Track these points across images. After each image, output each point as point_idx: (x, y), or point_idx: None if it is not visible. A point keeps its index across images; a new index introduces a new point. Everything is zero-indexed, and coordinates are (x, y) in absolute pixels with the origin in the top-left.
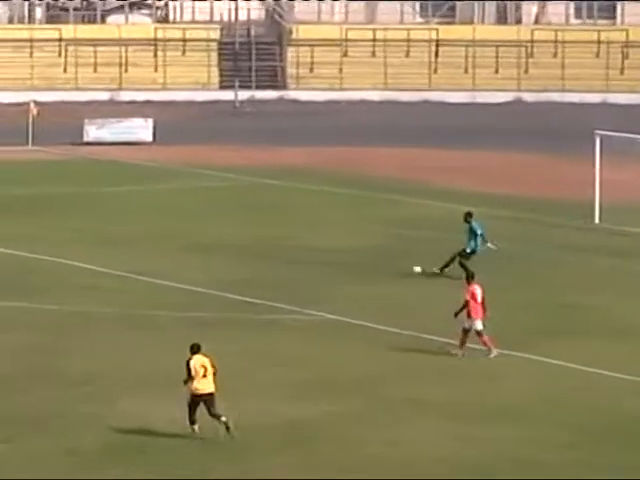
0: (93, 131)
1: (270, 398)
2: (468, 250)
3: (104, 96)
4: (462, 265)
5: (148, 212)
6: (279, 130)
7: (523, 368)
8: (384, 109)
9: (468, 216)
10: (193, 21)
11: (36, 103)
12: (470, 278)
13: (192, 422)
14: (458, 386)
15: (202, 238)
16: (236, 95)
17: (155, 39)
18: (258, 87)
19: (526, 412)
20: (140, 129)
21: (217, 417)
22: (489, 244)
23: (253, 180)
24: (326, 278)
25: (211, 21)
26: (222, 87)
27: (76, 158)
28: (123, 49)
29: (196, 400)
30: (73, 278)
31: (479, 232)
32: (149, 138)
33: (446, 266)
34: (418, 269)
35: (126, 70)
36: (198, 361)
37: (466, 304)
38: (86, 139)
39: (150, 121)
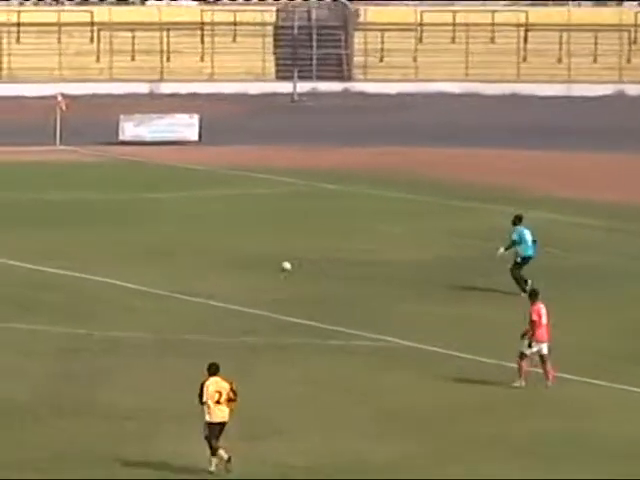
0: (130, 129)
1: (333, 435)
2: (518, 260)
3: (143, 88)
4: (515, 278)
5: (192, 222)
6: (343, 127)
7: (620, 401)
8: (464, 103)
9: (517, 220)
10: (245, 2)
11: (65, 96)
12: (534, 296)
13: (213, 454)
14: (544, 421)
15: (252, 252)
16: (295, 87)
17: (201, 23)
18: (320, 78)
19: (625, 452)
20: (184, 127)
21: (216, 449)
22: (501, 250)
23: (313, 185)
24: (392, 297)
25: (266, 2)
26: (279, 78)
27: (110, 160)
28: (165, 34)
29: (212, 429)
30: (107, 298)
31: (513, 237)
32: (194, 137)
33: (520, 284)
34: (287, 265)
35: (168, 59)
36: (214, 385)
37: (533, 325)
38: (122, 138)
39: (195, 117)
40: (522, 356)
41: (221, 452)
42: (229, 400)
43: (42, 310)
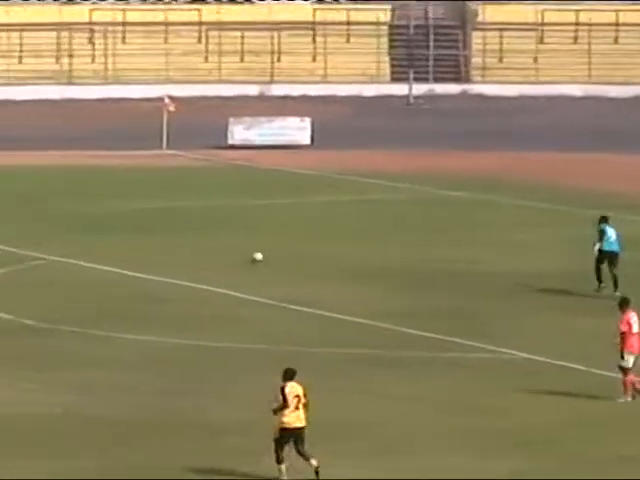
0: (240, 132)
1: (450, 452)
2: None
3: (253, 90)
4: (597, 272)
5: (301, 230)
6: (461, 131)
7: None
8: (588, 106)
9: (602, 219)
10: (359, 0)
11: (172, 98)
12: (624, 305)
13: (279, 461)
14: None
15: (364, 260)
16: (410, 89)
17: (313, 22)
18: (437, 80)
19: None
20: (295, 130)
21: (306, 457)
22: (596, 247)
23: (429, 192)
24: (515, 309)
25: (381, 0)
26: (394, 80)
27: (219, 164)
28: (275, 34)
29: (285, 435)
30: (212, 307)
31: (598, 229)
32: (306, 140)
33: (598, 280)
34: (259, 256)
35: (279, 59)
36: (293, 390)
37: (623, 336)
38: (231, 141)
39: (307, 120)
40: (625, 371)
41: (314, 462)
42: (304, 405)
43: (149, 320)
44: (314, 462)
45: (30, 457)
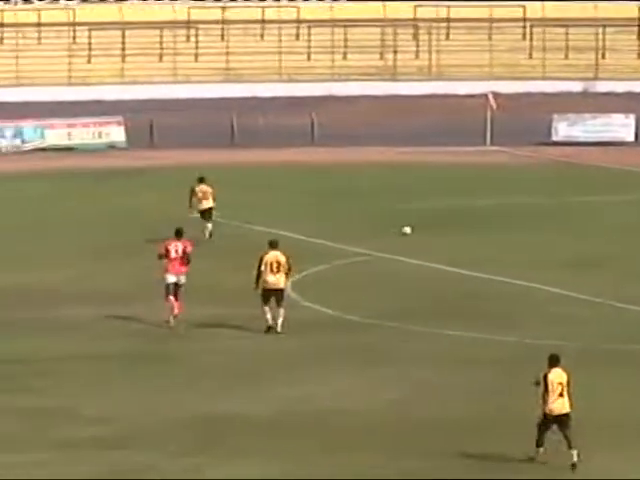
0: (563, 128)
1: None
2: None
3: (576, 87)
4: None
5: (625, 227)
6: None
7: None
8: None
9: None
10: None
11: (495, 95)
12: None
13: (538, 444)
14: None
15: None
16: None
17: (639, 18)
18: None
19: None
20: (619, 127)
21: (569, 444)
22: None
23: None
24: None
25: None
26: None
27: (542, 161)
28: (600, 31)
29: (547, 422)
30: (539, 305)
31: None
32: (630, 137)
33: None
34: (408, 230)
35: (603, 56)
36: (557, 376)
37: None
38: (555, 138)
39: (632, 117)
40: None
41: (574, 453)
42: (568, 393)
43: (477, 317)
44: (574, 456)
45: (359, 452)
